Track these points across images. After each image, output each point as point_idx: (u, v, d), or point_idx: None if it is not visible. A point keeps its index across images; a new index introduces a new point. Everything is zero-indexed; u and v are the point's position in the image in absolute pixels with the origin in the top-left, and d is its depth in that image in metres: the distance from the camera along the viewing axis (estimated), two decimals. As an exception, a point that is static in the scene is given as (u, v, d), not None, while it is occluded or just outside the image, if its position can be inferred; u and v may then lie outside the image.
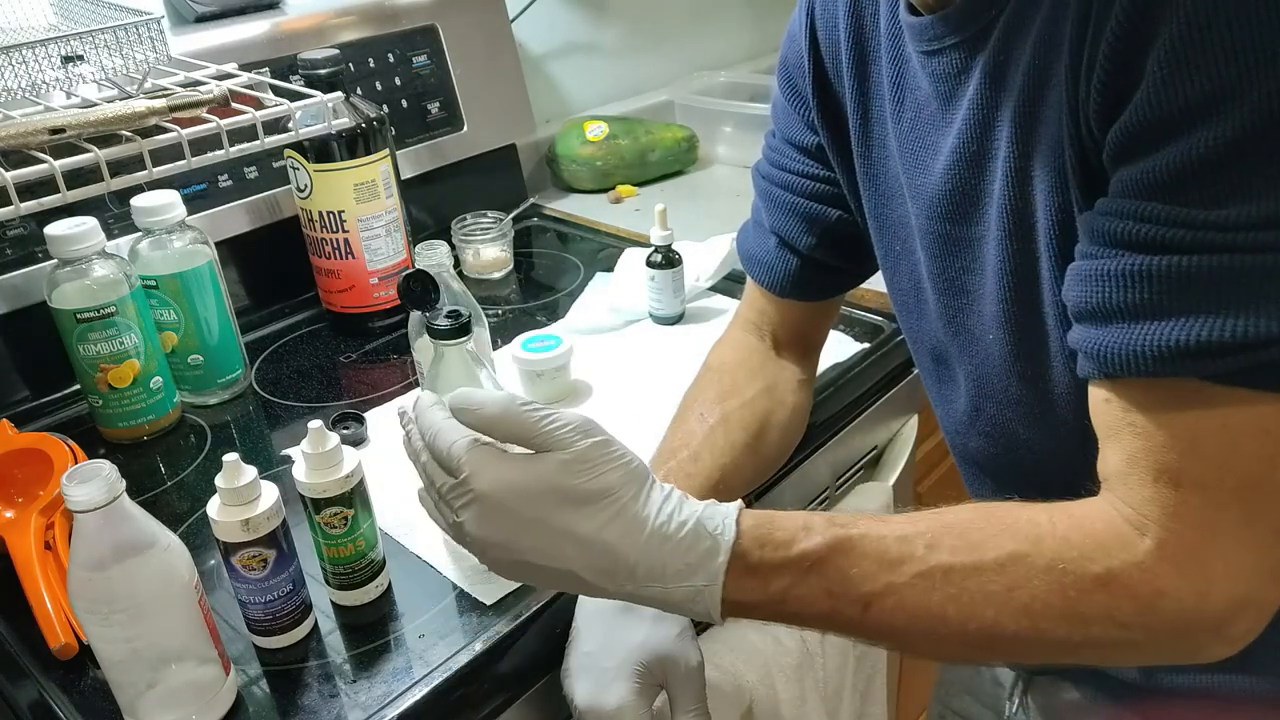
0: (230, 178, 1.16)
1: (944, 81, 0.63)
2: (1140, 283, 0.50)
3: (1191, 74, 0.46)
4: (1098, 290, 0.52)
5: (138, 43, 0.87)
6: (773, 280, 0.86)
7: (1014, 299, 0.63)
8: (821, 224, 0.83)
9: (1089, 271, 0.52)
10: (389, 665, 0.71)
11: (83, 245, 0.89)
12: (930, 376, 0.79)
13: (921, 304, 0.75)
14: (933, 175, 0.67)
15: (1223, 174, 0.47)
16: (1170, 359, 0.49)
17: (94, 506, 0.58)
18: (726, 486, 0.78)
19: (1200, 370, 0.49)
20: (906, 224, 0.73)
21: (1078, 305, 0.54)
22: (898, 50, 0.69)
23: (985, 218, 0.63)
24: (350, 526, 0.72)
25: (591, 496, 0.56)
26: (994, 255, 0.63)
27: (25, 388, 1.05)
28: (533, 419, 0.57)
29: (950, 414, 0.76)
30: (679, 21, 1.84)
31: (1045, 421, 0.66)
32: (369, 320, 1.17)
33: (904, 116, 0.69)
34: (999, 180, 0.61)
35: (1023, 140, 0.58)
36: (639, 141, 1.56)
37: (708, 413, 0.81)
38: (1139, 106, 0.49)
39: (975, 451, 0.75)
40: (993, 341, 0.67)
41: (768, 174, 0.86)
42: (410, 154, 1.32)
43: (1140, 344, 0.50)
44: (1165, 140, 0.48)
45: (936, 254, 0.69)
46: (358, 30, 1.27)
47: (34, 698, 0.70)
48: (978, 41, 0.60)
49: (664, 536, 0.56)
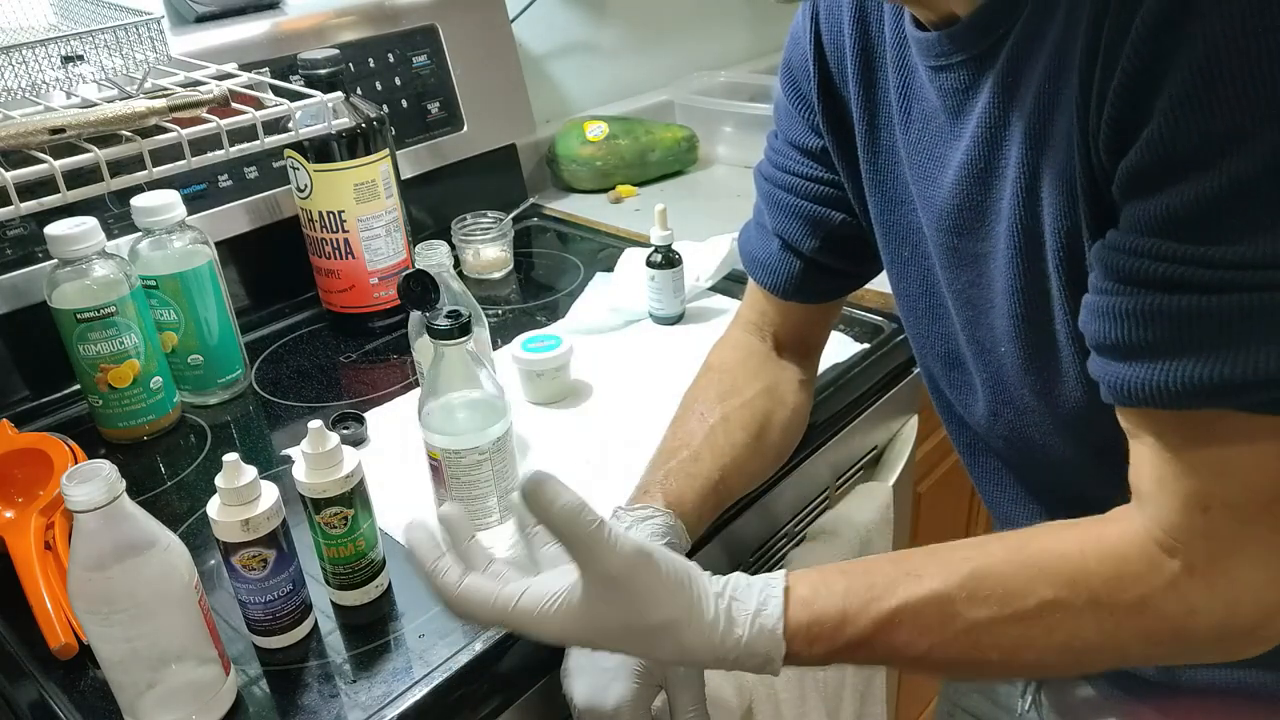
0: (230, 178, 1.16)
1: (952, 96, 0.63)
2: (1161, 321, 0.50)
3: (1205, 115, 0.46)
4: (1116, 327, 0.52)
5: (138, 43, 0.87)
6: (775, 282, 0.86)
7: (1024, 316, 0.63)
8: (825, 227, 0.82)
9: (1107, 308, 0.53)
10: (389, 665, 0.71)
11: (83, 245, 0.89)
12: (942, 380, 0.78)
13: (934, 309, 0.75)
14: (941, 188, 0.66)
15: (1237, 212, 0.47)
16: (1195, 394, 0.50)
17: (94, 506, 0.58)
18: (727, 486, 0.78)
19: (1225, 403, 0.50)
20: (917, 230, 0.73)
21: (1096, 340, 0.54)
22: (904, 60, 0.68)
23: (994, 234, 0.63)
24: (350, 526, 0.72)
25: (654, 631, 0.58)
26: (1004, 272, 0.63)
27: (25, 388, 1.05)
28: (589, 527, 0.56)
29: (971, 414, 0.76)
30: (679, 21, 1.84)
31: (1060, 430, 0.67)
32: (369, 320, 1.17)
33: (912, 126, 0.69)
34: (1008, 197, 0.61)
35: (1033, 160, 0.58)
36: (639, 141, 1.56)
37: (708, 413, 0.81)
38: (1151, 144, 0.49)
39: (998, 450, 0.76)
40: (1004, 355, 0.67)
41: (770, 176, 0.86)
42: (410, 154, 1.32)
43: (1163, 379, 0.51)
44: (1178, 178, 0.48)
45: (946, 265, 0.69)
46: (358, 30, 1.27)
47: (34, 698, 0.70)
48: (986, 58, 0.59)
49: (721, 658, 0.59)
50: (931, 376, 0.80)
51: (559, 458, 0.92)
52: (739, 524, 0.89)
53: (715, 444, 0.79)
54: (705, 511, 0.76)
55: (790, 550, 0.97)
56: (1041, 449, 0.69)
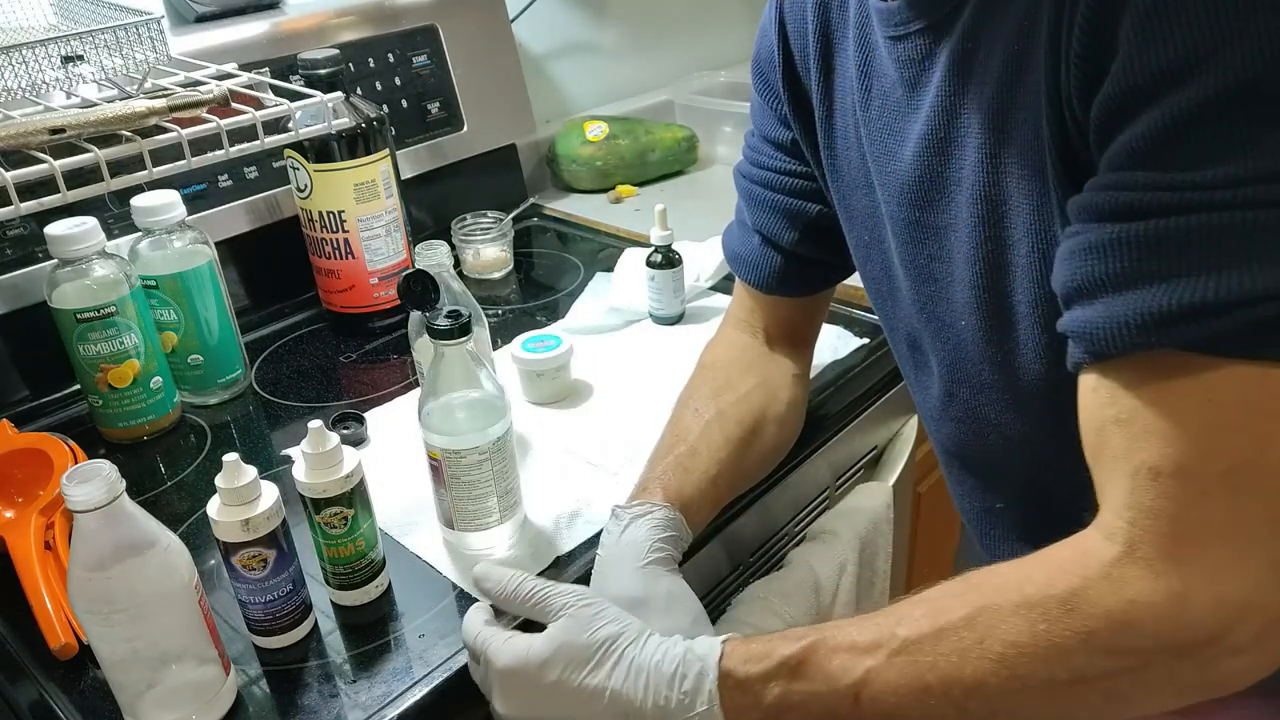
0: (230, 178, 1.16)
1: (909, 67, 0.63)
2: (1121, 251, 0.48)
3: (1165, 39, 0.45)
4: (1081, 265, 0.50)
5: (138, 43, 0.87)
6: (759, 278, 0.86)
7: (985, 286, 0.63)
8: (803, 219, 0.83)
9: (1073, 249, 0.51)
10: (389, 665, 0.71)
11: (83, 245, 0.89)
12: (907, 364, 0.79)
13: (894, 291, 0.75)
14: (901, 162, 0.67)
15: (1200, 135, 0.46)
16: (1153, 326, 0.47)
17: (94, 506, 0.58)
18: (725, 480, 0.78)
19: (1184, 336, 0.47)
20: (874, 213, 0.73)
21: (1065, 286, 0.52)
22: (865, 37, 0.69)
23: (954, 205, 0.63)
24: (350, 526, 0.72)
25: (593, 651, 0.60)
26: (965, 242, 0.63)
27: (25, 388, 1.05)
28: (530, 591, 0.65)
29: (926, 401, 0.77)
30: (679, 21, 1.84)
31: (1017, 405, 0.66)
32: (369, 320, 1.17)
33: (872, 104, 0.69)
34: (969, 167, 0.61)
35: (996, 128, 0.58)
36: (639, 141, 1.56)
37: (703, 409, 0.81)
38: (1115, 77, 0.48)
39: (948, 438, 0.75)
40: (964, 328, 0.66)
41: (747, 173, 0.87)
42: (410, 154, 1.32)
43: (1123, 316, 0.48)
44: (1143, 108, 0.47)
45: (906, 241, 0.69)
46: (358, 30, 1.27)
47: (34, 698, 0.70)
48: (943, 26, 0.60)
49: (661, 674, 0.59)
50: (902, 362, 0.81)
51: (559, 458, 0.92)
52: (739, 524, 0.89)
53: (711, 439, 0.79)
54: (705, 505, 0.76)
55: (790, 550, 0.97)
56: (995, 428, 0.68)
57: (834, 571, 0.95)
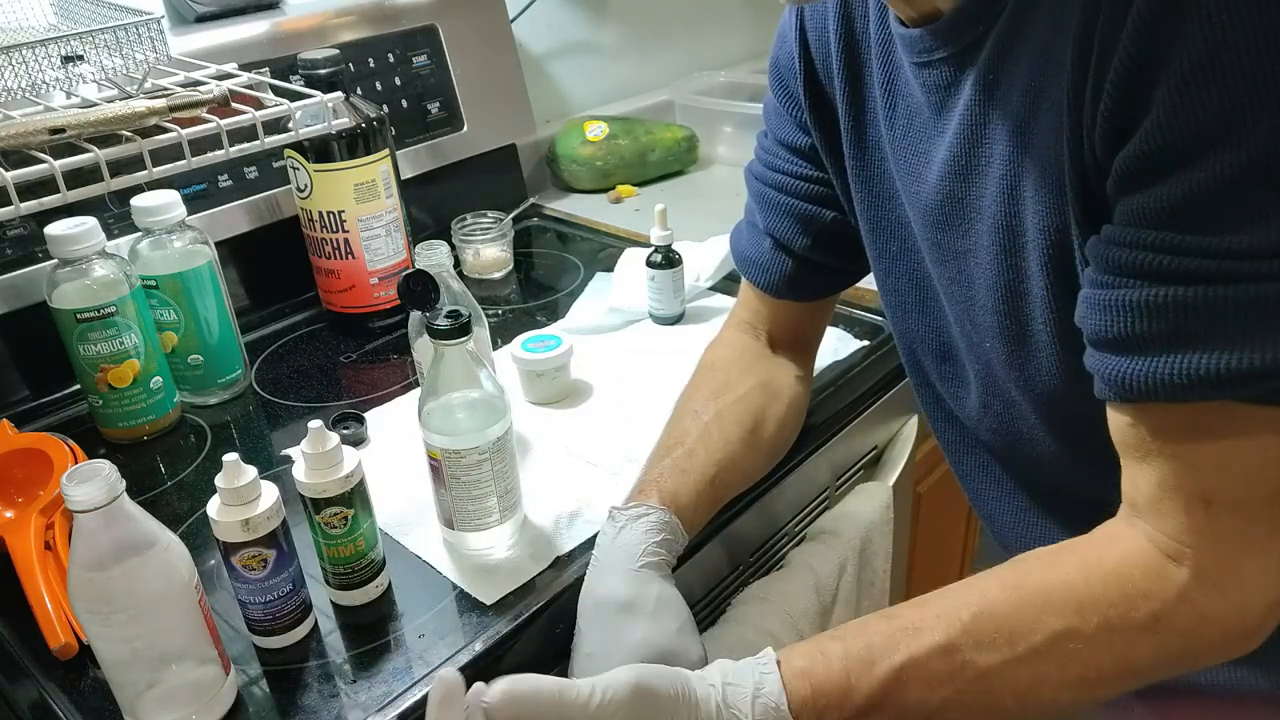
0: (230, 178, 1.16)
1: (935, 92, 0.63)
2: (1163, 313, 0.50)
3: (1203, 103, 0.46)
4: (1118, 320, 0.52)
5: (138, 43, 0.87)
6: (768, 281, 0.86)
7: (1007, 312, 0.63)
8: (816, 225, 0.83)
9: (1106, 301, 0.52)
10: (389, 665, 0.71)
11: (83, 245, 0.89)
12: (934, 373, 0.78)
13: (925, 303, 0.75)
14: (926, 184, 0.67)
15: (1237, 201, 0.47)
16: (1199, 386, 0.49)
17: (94, 506, 0.58)
18: (723, 482, 0.78)
19: (1227, 395, 0.50)
20: (905, 224, 0.73)
21: (1095, 334, 0.54)
22: (888, 56, 0.69)
23: (975, 230, 0.64)
24: (350, 526, 0.72)
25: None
26: (987, 268, 0.63)
27: (25, 388, 1.05)
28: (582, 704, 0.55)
29: (961, 407, 0.77)
30: (679, 21, 1.84)
31: (1043, 426, 0.67)
32: (369, 320, 1.17)
33: (897, 122, 0.69)
34: (991, 195, 0.61)
35: (1016, 158, 0.58)
36: (639, 141, 1.56)
37: (702, 410, 0.81)
38: (1149, 134, 0.48)
39: (986, 442, 0.76)
40: (990, 349, 0.67)
41: (761, 175, 0.86)
42: (410, 154, 1.32)
43: (1167, 372, 0.50)
44: (1176, 168, 0.48)
45: (934, 260, 0.70)
46: (358, 30, 1.27)
47: (34, 698, 0.70)
48: (968, 54, 0.60)
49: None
50: (921, 371, 0.80)
51: (559, 458, 0.92)
52: (739, 524, 0.89)
53: (709, 440, 0.79)
54: (701, 508, 0.76)
55: (790, 550, 0.97)
56: (1028, 442, 0.69)
57: (834, 571, 0.95)
